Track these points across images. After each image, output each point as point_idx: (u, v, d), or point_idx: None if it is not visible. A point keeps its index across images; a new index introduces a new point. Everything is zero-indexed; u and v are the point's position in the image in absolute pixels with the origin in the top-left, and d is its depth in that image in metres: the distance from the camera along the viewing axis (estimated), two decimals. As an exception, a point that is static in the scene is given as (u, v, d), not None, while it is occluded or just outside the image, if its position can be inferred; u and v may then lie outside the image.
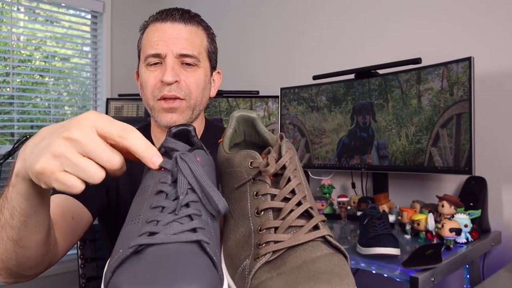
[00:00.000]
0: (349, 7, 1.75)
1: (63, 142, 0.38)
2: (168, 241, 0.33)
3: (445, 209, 1.13)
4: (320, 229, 0.37)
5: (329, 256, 0.36)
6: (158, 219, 0.35)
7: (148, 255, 0.32)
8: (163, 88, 0.79)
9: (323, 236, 0.37)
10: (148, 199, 0.38)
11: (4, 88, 2.23)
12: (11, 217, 0.48)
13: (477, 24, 1.36)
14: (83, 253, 1.07)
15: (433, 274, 0.89)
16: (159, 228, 0.34)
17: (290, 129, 1.73)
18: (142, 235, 0.34)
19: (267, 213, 0.39)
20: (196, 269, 0.31)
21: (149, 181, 0.40)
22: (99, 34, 2.51)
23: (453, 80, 1.23)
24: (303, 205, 0.39)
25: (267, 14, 2.11)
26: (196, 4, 2.35)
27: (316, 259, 0.35)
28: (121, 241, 0.36)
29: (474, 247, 1.09)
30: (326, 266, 0.34)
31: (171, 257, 0.31)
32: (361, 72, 1.49)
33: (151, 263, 0.31)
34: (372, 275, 1.02)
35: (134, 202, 0.40)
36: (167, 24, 0.81)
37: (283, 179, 0.40)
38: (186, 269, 0.30)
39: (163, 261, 0.31)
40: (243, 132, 0.53)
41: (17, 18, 2.32)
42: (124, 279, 0.30)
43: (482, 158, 1.28)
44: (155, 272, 0.30)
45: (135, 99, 2.18)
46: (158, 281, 0.29)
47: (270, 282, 0.34)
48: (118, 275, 0.31)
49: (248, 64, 2.18)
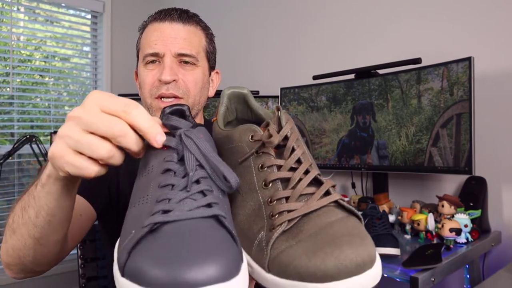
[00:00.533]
0: (349, 7, 1.75)
1: (67, 122, 0.38)
2: (185, 217, 0.32)
3: (445, 209, 1.13)
4: (332, 194, 0.38)
5: (345, 219, 0.36)
6: (170, 197, 0.34)
7: (165, 233, 0.30)
8: (161, 86, 0.80)
9: (336, 200, 0.37)
10: (154, 178, 0.37)
11: (4, 88, 2.23)
12: (35, 216, 0.49)
13: (477, 24, 1.36)
14: (83, 253, 1.07)
15: (433, 274, 0.89)
16: (172, 206, 0.33)
17: (290, 129, 1.73)
18: (155, 213, 0.32)
19: (276, 184, 0.39)
20: (218, 243, 0.30)
21: (152, 161, 0.39)
22: (99, 34, 2.51)
23: (453, 80, 1.23)
24: (311, 173, 0.39)
25: (267, 14, 2.11)
26: (196, 4, 2.35)
27: (332, 224, 0.35)
28: (131, 222, 0.34)
29: (474, 247, 1.09)
30: (344, 229, 0.34)
31: (190, 233, 0.30)
32: (361, 72, 1.49)
33: (170, 240, 0.29)
34: (372, 275, 1.02)
35: (137, 184, 0.39)
36: (166, 24, 0.81)
37: (286, 149, 0.40)
38: (208, 244, 0.29)
39: (182, 237, 0.30)
40: (235, 110, 0.53)
41: (17, 18, 2.32)
42: (143, 259, 0.28)
43: (482, 158, 1.28)
44: (176, 249, 0.28)
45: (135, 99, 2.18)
46: (180, 258, 0.27)
47: (291, 250, 0.34)
48: (135, 255, 0.29)
49: (248, 64, 2.18)
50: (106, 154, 0.37)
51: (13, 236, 0.53)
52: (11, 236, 0.54)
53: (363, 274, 0.31)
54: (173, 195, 0.34)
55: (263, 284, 0.36)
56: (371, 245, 0.33)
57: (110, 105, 0.37)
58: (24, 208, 0.51)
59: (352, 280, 0.31)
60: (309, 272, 0.31)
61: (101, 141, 0.37)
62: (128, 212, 0.36)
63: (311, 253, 0.32)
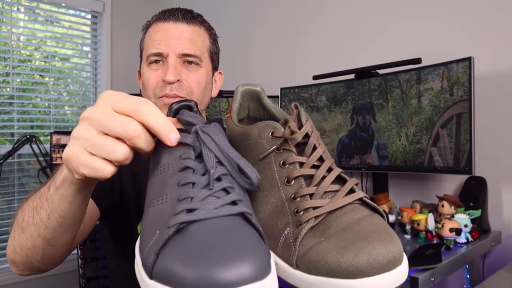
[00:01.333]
0: (349, 7, 1.75)
1: (81, 124, 0.38)
2: (211, 216, 0.31)
3: (445, 209, 1.13)
4: (356, 191, 0.38)
5: (370, 216, 0.36)
6: (192, 195, 0.33)
7: (193, 233, 0.30)
8: (165, 87, 0.80)
9: (360, 198, 0.37)
10: (171, 177, 0.35)
11: (4, 88, 2.23)
12: (47, 218, 0.49)
13: (477, 24, 1.36)
14: (83, 253, 1.07)
15: (433, 274, 0.89)
16: (196, 204, 0.32)
17: (290, 129, 1.73)
18: (179, 213, 0.31)
19: (299, 181, 0.39)
20: (248, 241, 0.29)
21: (167, 158, 0.37)
22: (99, 34, 2.51)
23: (453, 80, 1.23)
24: (334, 171, 0.39)
25: (267, 14, 2.11)
26: (196, 4, 2.35)
27: (359, 220, 0.35)
28: (153, 222, 0.33)
29: (474, 247, 1.09)
30: (371, 226, 0.34)
31: (219, 232, 0.30)
32: (361, 72, 1.49)
33: (200, 240, 0.29)
34: (372, 275, 1.02)
35: (151, 182, 0.38)
36: (170, 24, 0.82)
37: (308, 146, 0.40)
38: (238, 243, 0.29)
39: (211, 237, 0.29)
40: (247, 107, 0.52)
41: (17, 18, 2.32)
42: (173, 260, 0.27)
43: (482, 158, 1.28)
44: (206, 249, 0.28)
45: (135, 99, 2.18)
46: (212, 258, 0.27)
47: (321, 246, 0.34)
48: (164, 257, 0.28)
49: (248, 64, 2.18)
50: (123, 156, 0.37)
51: (22, 235, 0.54)
52: (20, 234, 0.54)
53: (394, 270, 0.32)
54: (195, 193, 0.33)
55: (289, 281, 0.36)
56: (399, 242, 0.33)
57: (122, 104, 0.37)
58: (35, 209, 0.51)
59: (384, 277, 0.31)
60: (341, 268, 0.31)
61: (117, 143, 0.36)
62: (146, 212, 0.36)
63: (342, 249, 0.32)
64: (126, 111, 0.37)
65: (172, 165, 0.36)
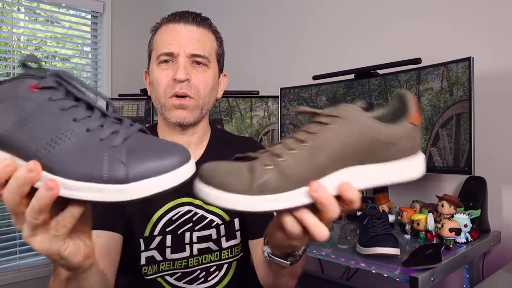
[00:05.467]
0: (349, 7, 1.75)
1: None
2: (131, 133, 0.41)
3: (445, 209, 1.13)
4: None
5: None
6: (101, 123, 0.41)
7: (131, 145, 0.40)
8: (175, 86, 0.82)
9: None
10: (57, 117, 0.40)
11: (4, 88, 2.24)
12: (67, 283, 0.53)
13: (477, 24, 1.36)
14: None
15: (433, 274, 0.89)
16: (115, 127, 0.41)
17: (290, 129, 1.73)
18: (109, 136, 0.40)
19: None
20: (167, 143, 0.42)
21: (30, 105, 0.40)
22: (99, 35, 2.51)
23: (452, 80, 1.23)
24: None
25: (267, 14, 2.11)
26: (196, 3, 2.35)
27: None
28: (82, 154, 0.38)
29: (474, 247, 1.09)
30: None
31: (145, 140, 0.41)
32: (361, 72, 1.49)
33: (141, 147, 0.40)
34: (372, 275, 1.02)
35: (23, 132, 0.40)
36: (180, 25, 0.84)
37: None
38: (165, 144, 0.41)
39: (144, 143, 0.41)
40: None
41: (18, 18, 2.32)
42: (141, 161, 0.38)
43: (482, 158, 1.28)
44: (149, 150, 0.40)
45: (135, 99, 2.18)
46: (157, 153, 0.40)
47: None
48: (134, 163, 0.39)
49: (248, 64, 2.18)
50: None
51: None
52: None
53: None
54: (102, 121, 0.41)
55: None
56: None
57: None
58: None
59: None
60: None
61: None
62: (51, 154, 0.39)
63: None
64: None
65: (45, 108, 0.40)
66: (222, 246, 0.88)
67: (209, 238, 0.87)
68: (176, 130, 0.87)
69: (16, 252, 2.14)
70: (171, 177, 0.38)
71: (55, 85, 0.41)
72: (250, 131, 1.92)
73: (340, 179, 0.44)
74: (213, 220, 0.87)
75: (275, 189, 0.42)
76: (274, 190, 0.42)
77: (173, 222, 0.85)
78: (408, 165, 0.47)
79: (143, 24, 2.57)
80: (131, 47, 2.56)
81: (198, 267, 0.86)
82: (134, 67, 2.47)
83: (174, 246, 0.84)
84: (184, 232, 0.85)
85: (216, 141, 0.94)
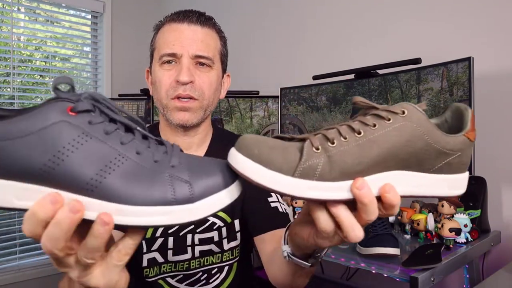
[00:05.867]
0: (349, 7, 1.75)
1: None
2: (184, 156, 0.42)
3: (445, 209, 1.13)
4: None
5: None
6: (147, 145, 0.39)
7: (185, 163, 0.39)
8: (178, 87, 0.80)
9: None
10: (103, 142, 0.37)
11: (4, 88, 2.24)
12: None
13: (477, 24, 1.36)
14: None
15: (433, 274, 0.89)
16: (162, 149, 0.41)
17: (290, 129, 1.73)
18: (162, 158, 0.39)
19: None
20: (214, 163, 0.41)
21: (71, 134, 0.36)
22: (99, 35, 2.51)
23: (452, 80, 1.23)
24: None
25: (267, 14, 2.11)
26: (196, 3, 2.35)
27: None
28: (142, 179, 0.36)
29: (474, 247, 1.09)
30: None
31: (197, 160, 0.41)
32: (361, 72, 1.49)
33: (193, 165, 0.40)
34: (372, 275, 1.02)
35: (69, 164, 0.35)
36: (184, 25, 0.82)
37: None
38: (213, 162, 0.42)
39: (195, 163, 0.40)
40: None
41: (18, 18, 2.32)
42: (199, 179, 0.38)
43: (482, 158, 1.28)
44: (200, 168, 0.39)
45: (135, 99, 2.18)
46: (206, 171, 0.40)
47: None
48: (196, 180, 0.38)
49: (248, 64, 2.18)
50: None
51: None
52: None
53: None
54: (147, 143, 0.40)
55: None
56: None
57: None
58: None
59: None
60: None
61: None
62: (106, 182, 0.35)
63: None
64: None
65: (88, 133, 0.36)
66: (223, 248, 0.87)
67: (211, 240, 0.86)
68: (178, 131, 0.86)
69: (16, 252, 2.15)
70: (229, 193, 0.38)
71: (91, 108, 0.37)
72: (250, 131, 1.92)
73: (384, 180, 0.42)
74: (214, 223, 0.86)
75: (321, 176, 0.39)
76: (320, 177, 0.39)
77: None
78: (454, 182, 0.45)
79: (143, 24, 2.57)
80: (131, 47, 2.56)
81: (200, 269, 0.86)
82: (134, 67, 2.47)
83: (175, 248, 0.84)
84: (186, 234, 0.85)
85: (217, 141, 0.93)
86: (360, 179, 0.40)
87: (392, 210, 0.42)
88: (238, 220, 0.89)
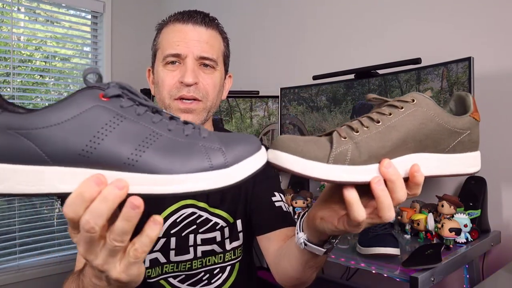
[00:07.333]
0: (349, 7, 1.75)
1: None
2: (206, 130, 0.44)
3: (445, 209, 1.13)
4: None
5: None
6: (176, 123, 0.42)
7: (215, 136, 0.42)
8: (182, 88, 0.80)
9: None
10: (137, 122, 0.40)
11: (4, 88, 2.24)
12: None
13: (477, 24, 1.36)
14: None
15: (433, 274, 0.89)
16: (190, 126, 0.43)
17: (290, 129, 1.73)
18: (192, 132, 0.41)
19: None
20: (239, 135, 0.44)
21: (106, 117, 0.39)
22: (99, 35, 2.51)
23: (452, 80, 1.23)
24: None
25: (267, 14, 2.11)
26: (197, 3, 2.35)
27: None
28: (178, 153, 0.39)
29: (474, 247, 1.09)
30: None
31: (223, 134, 0.44)
32: (361, 72, 1.49)
33: (224, 137, 0.42)
34: (372, 275, 1.02)
35: (110, 144, 0.38)
36: (189, 26, 0.82)
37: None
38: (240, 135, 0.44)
39: (224, 135, 0.43)
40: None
41: (18, 18, 2.32)
42: (233, 148, 0.41)
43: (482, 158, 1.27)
44: (231, 140, 0.42)
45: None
46: (238, 141, 0.42)
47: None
48: (230, 149, 0.41)
49: (248, 64, 2.18)
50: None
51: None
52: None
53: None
54: (177, 122, 0.43)
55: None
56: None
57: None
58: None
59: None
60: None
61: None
62: (146, 155, 0.37)
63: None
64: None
65: (122, 115, 0.39)
66: (226, 248, 0.87)
67: (213, 240, 0.86)
68: None
69: (16, 252, 2.15)
70: (259, 157, 0.41)
71: (121, 93, 0.41)
72: (250, 131, 1.92)
73: (406, 162, 0.47)
74: (217, 223, 0.86)
75: (352, 160, 0.44)
76: (351, 161, 0.44)
77: (177, 224, 0.84)
78: (468, 159, 0.51)
79: (143, 24, 2.57)
80: (131, 47, 2.56)
81: (202, 269, 0.86)
82: (134, 67, 2.47)
83: (178, 248, 0.84)
84: (188, 234, 0.85)
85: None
86: (386, 160, 0.45)
87: (417, 189, 0.48)
88: (241, 220, 0.89)
